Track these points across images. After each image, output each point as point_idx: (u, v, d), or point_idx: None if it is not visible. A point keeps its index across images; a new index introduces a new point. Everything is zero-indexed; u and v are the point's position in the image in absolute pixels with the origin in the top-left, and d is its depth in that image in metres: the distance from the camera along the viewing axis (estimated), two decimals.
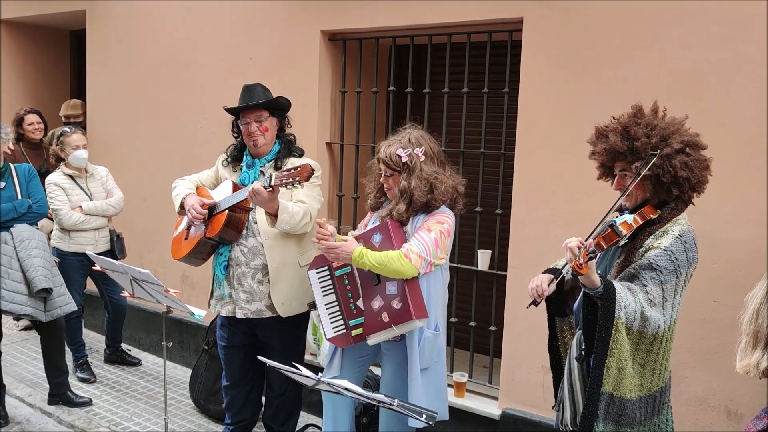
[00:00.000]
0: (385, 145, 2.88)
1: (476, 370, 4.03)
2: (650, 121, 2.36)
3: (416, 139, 2.84)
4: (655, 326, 2.24)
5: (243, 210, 3.22)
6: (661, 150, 2.28)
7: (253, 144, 3.26)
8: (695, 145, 2.35)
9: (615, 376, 2.24)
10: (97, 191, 4.69)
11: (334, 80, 4.36)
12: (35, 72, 6.82)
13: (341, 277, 2.95)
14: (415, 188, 2.77)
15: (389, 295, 2.78)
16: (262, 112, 3.25)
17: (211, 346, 4.27)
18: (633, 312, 2.20)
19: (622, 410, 2.28)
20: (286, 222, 3.07)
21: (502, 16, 3.53)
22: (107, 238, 4.69)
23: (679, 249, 2.27)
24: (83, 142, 4.59)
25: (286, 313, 3.28)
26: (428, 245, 2.72)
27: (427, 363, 2.85)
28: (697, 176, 2.33)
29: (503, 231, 3.75)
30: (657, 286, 2.24)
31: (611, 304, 2.17)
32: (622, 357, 2.23)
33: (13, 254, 3.86)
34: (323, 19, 4.19)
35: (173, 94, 5.08)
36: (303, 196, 3.22)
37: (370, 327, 2.82)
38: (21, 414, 4.23)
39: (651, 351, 2.30)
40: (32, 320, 4.07)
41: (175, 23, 5.01)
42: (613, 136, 2.38)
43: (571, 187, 3.33)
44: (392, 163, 2.81)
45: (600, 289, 2.18)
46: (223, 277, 3.34)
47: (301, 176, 2.80)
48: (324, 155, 4.37)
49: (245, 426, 3.64)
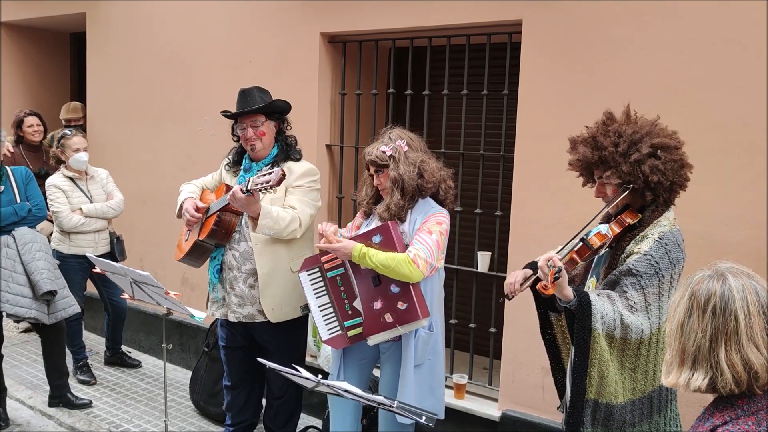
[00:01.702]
0: (369, 149, 2.97)
1: (476, 372, 4.04)
2: (618, 128, 2.35)
3: (396, 134, 2.96)
4: (638, 332, 2.24)
5: (233, 213, 3.22)
6: (628, 157, 2.29)
7: (251, 149, 3.27)
8: (666, 147, 2.33)
9: (597, 384, 2.26)
10: (98, 193, 4.69)
11: (334, 82, 4.37)
12: (35, 74, 6.83)
13: (334, 278, 2.96)
14: (405, 173, 2.85)
15: (392, 296, 2.79)
16: (259, 116, 3.24)
17: (211, 348, 4.27)
18: (612, 321, 2.21)
19: (609, 415, 2.30)
20: (268, 227, 3.05)
21: (501, 19, 3.54)
22: (107, 240, 4.70)
23: (659, 252, 2.27)
24: (84, 145, 4.59)
25: (277, 318, 3.27)
26: (432, 249, 2.78)
27: (419, 360, 2.88)
28: (670, 178, 2.31)
29: (503, 233, 3.76)
30: (638, 291, 2.25)
31: (587, 315, 2.19)
32: (602, 365, 2.24)
33: (17, 257, 3.86)
34: (323, 21, 4.20)
35: (173, 96, 5.08)
36: (295, 202, 3.21)
37: (371, 328, 2.83)
38: (21, 416, 4.24)
39: (639, 354, 2.30)
40: (33, 323, 4.07)
41: (175, 26, 5.02)
42: (583, 148, 2.40)
43: (571, 188, 3.33)
44: (379, 160, 2.90)
45: (573, 302, 2.21)
46: (216, 280, 3.35)
47: (273, 180, 2.80)
48: (324, 157, 4.38)
49: (246, 427, 3.64)
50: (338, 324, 2.94)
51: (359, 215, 3.18)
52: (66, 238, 4.57)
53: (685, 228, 3.05)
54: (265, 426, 3.67)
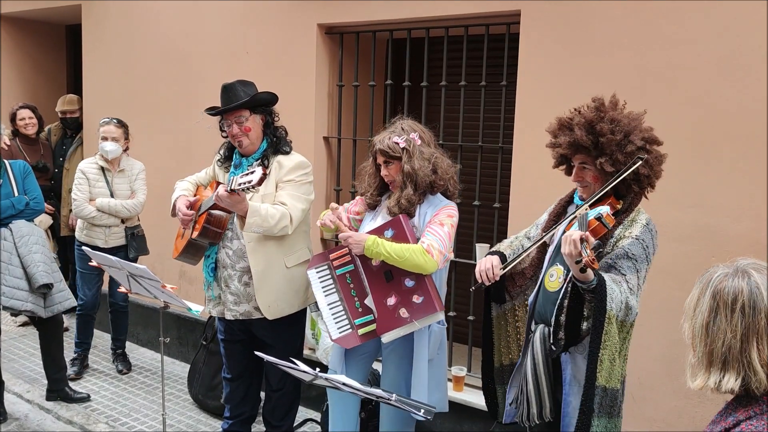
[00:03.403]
0: (380, 137, 2.91)
1: (475, 364, 4.02)
2: (614, 116, 2.37)
3: (409, 126, 2.91)
4: (634, 314, 2.29)
5: (223, 211, 3.18)
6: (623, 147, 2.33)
7: (238, 145, 3.23)
8: (653, 141, 2.39)
9: (607, 369, 2.25)
10: (122, 189, 4.63)
11: (331, 74, 4.34)
12: (31, 67, 6.80)
13: (343, 275, 2.91)
14: (419, 169, 2.81)
15: (407, 290, 2.76)
16: (243, 112, 3.18)
17: (209, 341, 4.26)
18: (620, 303, 2.23)
19: (613, 401, 2.30)
20: (257, 225, 3.00)
21: (500, 9, 3.51)
22: (120, 235, 4.61)
23: (647, 236, 2.33)
24: (112, 135, 4.55)
25: (273, 315, 3.25)
26: (444, 240, 2.76)
27: (432, 355, 2.87)
28: (655, 172, 2.39)
29: (501, 225, 3.74)
30: (634, 274, 2.28)
31: (603, 297, 2.19)
32: (613, 349, 2.25)
33: (13, 250, 3.85)
34: (320, 12, 4.17)
35: (169, 88, 5.06)
36: (285, 197, 3.15)
37: (386, 325, 2.77)
38: (19, 410, 4.23)
39: (626, 339, 2.35)
40: (30, 316, 4.06)
41: (171, 18, 4.98)
42: (579, 131, 2.39)
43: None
44: (391, 151, 2.84)
45: (594, 282, 2.19)
46: (211, 278, 3.33)
47: (253, 180, 2.76)
48: (321, 149, 4.36)
49: (244, 420, 3.64)
50: (348, 322, 2.89)
51: (358, 202, 3.13)
52: (84, 227, 4.58)
53: (685, 220, 3.05)
54: (264, 419, 3.66)
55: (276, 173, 3.20)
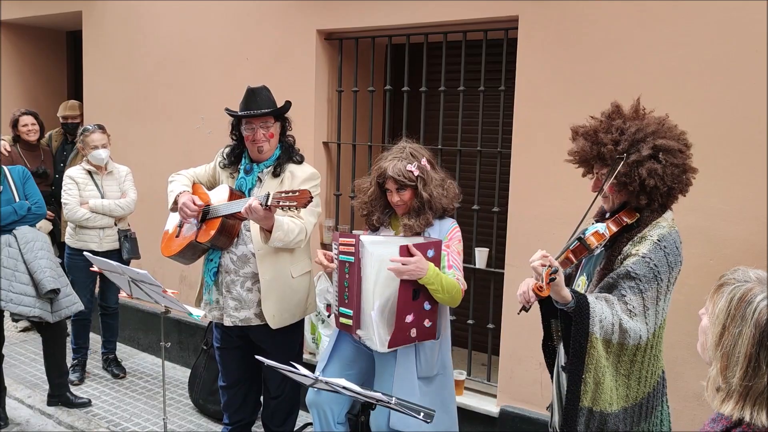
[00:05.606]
0: (389, 161, 2.86)
1: (474, 368, 4.04)
2: (621, 125, 2.24)
3: (416, 152, 2.90)
4: (636, 337, 2.15)
5: (237, 218, 3.18)
6: (627, 156, 2.17)
7: (258, 150, 3.20)
8: (669, 150, 2.19)
9: (593, 391, 2.17)
10: (112, 190, 4.68)
11: (331, 79, 4.36)
12: (32, 73, 6.82)
13: (343, 263, 2.85)
14: (438, 196, 2.85)
15: (423, 313, 2.78)
16: (269, 118, 3.20)
17: (210, 346, 4.26)
18: (610, 325, 2.12)
19: (603, 424, 2.20)
20: (280, 239, 3.03)
21: (498, 15, 3.53)
22: (113, 238, 4.65)
23: (658, 255, 2.16)
24: (102, 142, 4.61)
25: (277, 324, 3.25)
26: (461, 269, 2.87)
27: (425, 372, 2.86)
28: (668, 183, 2.19)
29: (500, 229, 3.76)
30: (636, 295, 2.15)
31: (584, 319, 2.10)
32: (599, 372, 2.15)
33: (19, 256, 3.86)
34: (319, 18, 4.20)
35: (170, 94, 5.08)
36: (303, 212, 3.15)
37: (398, 340, 2.77)
38: (21, 415, 4.24)
39: (635, 361, 2.22)
40: (33, 321, 4.06)
41: (171, 23, 5.01)
42: (583, 141, 2.30)
43: (568, 184, 3.33)
44: (406, 179, 2.82)
45: (571, 304, 2.11)
46: (212, 283, 3.32)
47: (299, 202, 2.77)
48: (321, 155, 4.38)
49: (244, 426, 3.64)
50: (336, 302, 2.90)
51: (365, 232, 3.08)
52: (73, 233, 4.59)
53: (683, 223, 3.05)
54: (264, 424, 3.67)
55: (289, 182, 3.21)
